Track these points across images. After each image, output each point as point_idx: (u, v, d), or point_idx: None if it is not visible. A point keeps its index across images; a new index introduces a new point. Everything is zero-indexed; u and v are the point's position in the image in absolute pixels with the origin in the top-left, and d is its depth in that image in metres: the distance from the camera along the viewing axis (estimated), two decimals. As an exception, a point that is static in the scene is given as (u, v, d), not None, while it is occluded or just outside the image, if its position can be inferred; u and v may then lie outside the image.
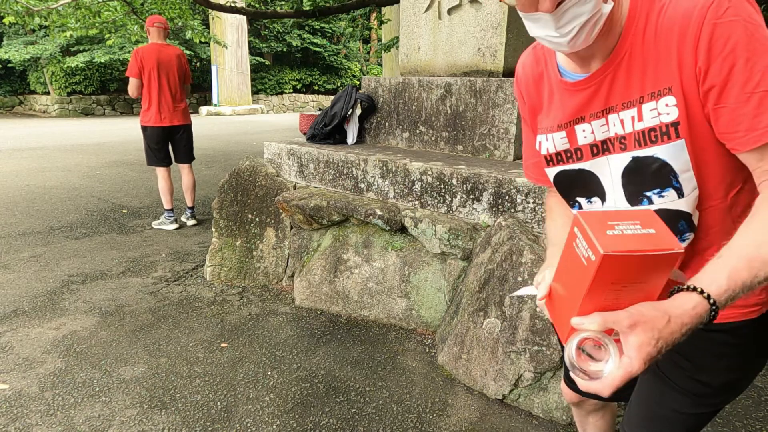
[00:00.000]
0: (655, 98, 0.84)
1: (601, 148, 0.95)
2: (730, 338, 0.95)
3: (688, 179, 0.86)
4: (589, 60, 0.92)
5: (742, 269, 0.70)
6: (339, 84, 23.03)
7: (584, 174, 0.98)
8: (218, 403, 2.20)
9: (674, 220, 0.90)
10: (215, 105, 18.37)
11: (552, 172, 1.05)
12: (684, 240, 0.93)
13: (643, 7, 0.85)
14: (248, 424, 2.07)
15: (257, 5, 9.72)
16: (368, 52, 25.38)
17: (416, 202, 2.85)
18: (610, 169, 0.95)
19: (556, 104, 1.00)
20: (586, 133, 0.96)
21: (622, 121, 0.90)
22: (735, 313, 0.93)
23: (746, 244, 0.73)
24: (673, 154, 0.85)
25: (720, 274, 0.71)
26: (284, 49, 21.28)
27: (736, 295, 0.70)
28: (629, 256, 0.62)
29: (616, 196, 0.96)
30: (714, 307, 0.69)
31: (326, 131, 3.44)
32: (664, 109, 0.84)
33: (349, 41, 23.52)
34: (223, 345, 2.68)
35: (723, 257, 0.73)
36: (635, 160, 0.89)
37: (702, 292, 0.69)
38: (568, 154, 1.00)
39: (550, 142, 1.02)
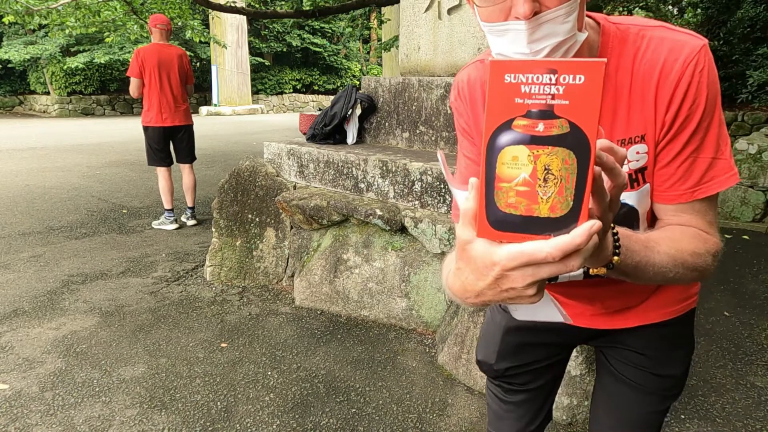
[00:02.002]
0: (625, 146, 0.82)
1: None
2: (681, 328, 1.04)
3: (642, 221, 0.88)
4: None
5: (652, 243, 0.72)
6: (339, 84, 23.03)
7: None
8: (218, 403, 2.20)
9: None
10: (215, 105, 18.37)
11: None
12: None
13: (614, 46, 0.81)
14: (248, 424, 2.07)
15: (257, 5, 9.72)
16: (368, 52, 25.38)
17: (416, 202, 2.85)
18: None
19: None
20: None
21: None
22: (684, 305, 1.01)
23: (664, 236, 0.77)
24: (640, 199, 0.86)
25: (624, 230, 0.68)
26: (284, 49, 21.29)
27: (637, 254, 0.68)
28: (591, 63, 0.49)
29: None
30: (615, 239, 0.64)
31: (326, 131, 3.44)
32: (634, 156, 0.83)
33: (349, 41, 23.52)
34: (223, 345, 2.68)
35: (640, 232, 0.75)
36: None
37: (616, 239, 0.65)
38: None
39: None
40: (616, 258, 0.64)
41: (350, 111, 3.39)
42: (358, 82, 19.88)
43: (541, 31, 0.70)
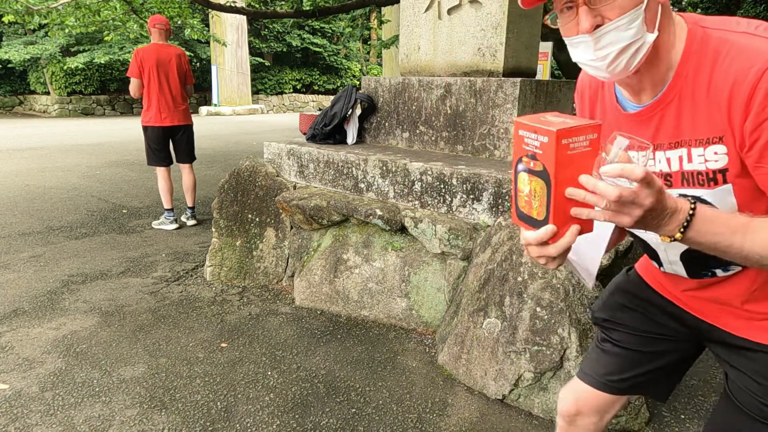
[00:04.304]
0: (703, 145, 0.87)
1: None
2: None
3: None
4: (639, 92, 0.95)
5: (748, 230, 0.79)
6: (339, 84, 23.02)
7: None
8: (218, 403, 2.20)
9: None
10: (215, 105, 18.37)
11: None
12: (729, 270, 0.99)
13: (696, 53, 0.86)
14: (248, 424, 2.07)
15: (257, 5, 9.71)
16: (368, 52, 25.38)
17: (416, 202, 2.85)
18: None
19: (606, 126, 1.01)
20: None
21: (668, 159, 0.93)
22: None
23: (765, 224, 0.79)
24: (720, 197, 0.89)
25: (723, 213, 0.82)
26: (284, 49, 21.28)
27: (715, 237, 0.79)
28: (572, 128, 0.74)
29: None
30: (688, 218, 0.77)
31: (326, 131, 3.44)
32: (713, 157, 0.87)
33: (349, 41, 23.51)
34: (223, 345, 2.68)
35: (739, 216, 0.82)
36: (681, 197, 0.93)
37: (694, 203, 0.79)
38: None
39: None
40: (678, 234, 0.78)
41: (350, 111, 3.39)
42: (358, 82, 19.88)
43: (605, 40, 0.83)
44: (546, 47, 6.35)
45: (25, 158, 8.13)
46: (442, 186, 2.72)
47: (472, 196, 2.63)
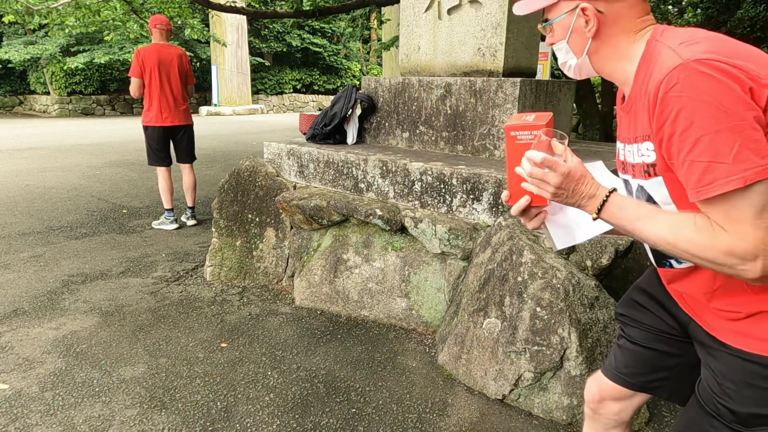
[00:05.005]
0: (642, 141, 1.01)
1: (625, 168, 1.13)
2: (763, 371, 0.98)
3: (670, 206, 1.02)
4: (624, 88, 1.10)
5: (648, 219, 0.95)
6: (339, 84, 23.02)
7: (629, 185, 1.15)
8: (218, 403, 2.20)
9: None
10: (215, 105, 18.37)
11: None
12: (680, 263, 1.09)
13: (646, 62, 1.00)
14: (248, 424, 2.07)
15: (257, 5, 9.72)
16: (368, 52, 25.37)
17: (416, 202, 2.85)
18: (632, 189, 1.12)
19: (618, 113, 1.19)
20: (621, 151, 1.13)
21: (630, 152, 1.08)
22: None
23: (670, 219, 0.94)
24: (654, 188, 1.02)
25: (634, 203, 1.00)
26: (284, 49, 21.28)
27: (622, 221, 0.99)
28: (518, 125, 1.05)
29: None
30: (601, 203, 1.00)
31: (326, 131, 3.44)
32: (646, 152, 1.00)
33: (349, 41, 23.50)
34: (223, 345, 2.68)
35: (647, 207, 0.99)
36: (639, 187, 1.08)
37: (610, 193, 0.99)
38: (621, 165, 1.16)
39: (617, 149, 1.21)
40: (594, 215, 1.01)
41: (350, 111, 3.39)
42: (358, 82, 19.88)
43: (560, 56, 1.15)
44: (546, 47, 6.36)
45: (25, 158, 8.13)
46: (442, 186, 2.72)
47: (472, 196, 2.63)
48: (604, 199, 0.99)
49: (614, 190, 1.01)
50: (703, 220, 0.90)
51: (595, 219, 1.01)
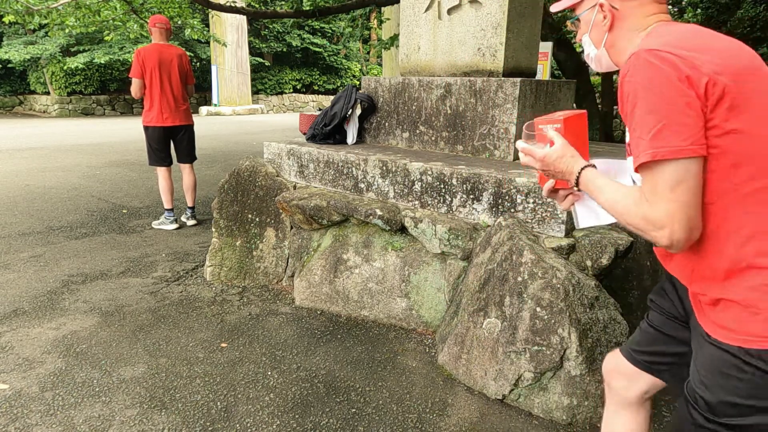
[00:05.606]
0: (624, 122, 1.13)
1: (629, 150, 1.22)
2: (738, 362, 1.01)
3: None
4: None
5: (604, 190, 1.12)
6: (339, 84, 23.01)
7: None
8: (218, 403, 2.20)
9: None
10: (215, 105, 18.37)
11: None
12: None
13: (634, 56, 1.08)
14: (248, 424, 2.07)
15: (257, 5, 9.72)
16: (368, 52, 25.37)
17: (416, 202, 2.85)
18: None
19: None
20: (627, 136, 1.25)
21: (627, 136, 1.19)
22: (733, 337, 1.02)
23: (617, 190, 1.10)
24: (630, 165, 1.16)
25: (599, 177, 1.15)
26: (284, 49, 21.27)
27: (592, 192, 1.15)
28: (572, 116, 1.24)
29: None
30: (576, 178, 1.18)
31: (326, 131, 3.44)
32: (627, 135, 1.11)
33: (349, 41, 23.50)
34: (223, 345, 2.68)
35: (607, 180, 1.13)
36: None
37: (582, 169, 1.17)
38: (627, 148, 1.25)
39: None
40: (575, 188, 1.20)
41: (350, 111, 3.39)
42: (358, 82, 19.87)
43: (585, 48, 1.31)
44: (546, 47, 6.34)
45: (25, 158, 8.13)
46: (442, 186, 2.72)
47: (472, 196, 2.63)
48: (578, 174, 1.18)
49: (588, 166, 1.18)
50: (639, 192, 1.04)
51: (577, 190, 1.21)
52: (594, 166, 1.18)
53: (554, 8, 1.34)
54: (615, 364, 1.44)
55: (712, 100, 0.94)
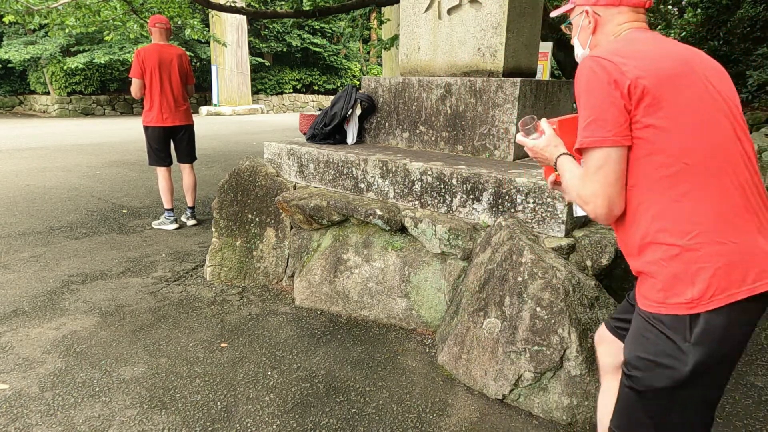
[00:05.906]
0: None
1: None
2: (647, 325, 1.21)
3: None
4: None
5: (565, 172, 1.31)
6: (339, 84, 23.01)
7: None
8: (218, 403, 2.20)
9: None
10: (215, 105, 18.36)
11: None
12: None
13: None
14: (248, 424, 2.07)
15: (257, 5, 9.72)
16: (368, 52, 25.37)
17: (416, 202, 2.85)
18: None
19: None
20: None
21: None
22: (654, 304, 1.19)
23: (572, 171, 1.30)
24: None
25: (567, 162, 1.33)
26: (284, 49, 21.27)
27: (562, 176, 1.34)
28: (567, 119, 1.42)
29: None
30: (555, 164, 1.37)
31: (326, 131, 3.44)
32: None
33: (349, 41, 23.50)
34: (223, 345, 2.68)
35: (571, 165, 1.31)
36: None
37: (558, 156, 1.36)
38: None
39: None
40: (555, 172, 1.39)
41: (350, 111, 3.39)
42: (358, 82, 19.87)
43: (575, 49, 1.47)
44: (546, 47, 6.35)
45: (25, 158, 8.13)
46: (442, 186, 2.72)
47: (472, 196, 2.63)
48: (555, 161, 1.36)
49: (565, 154, 1.35)
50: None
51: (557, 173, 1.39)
52: (571, 154, 1.34)
53: (554, 14, 1.51)
54: (600, 333, 1.60)
55: (634, 99, 1.12)
